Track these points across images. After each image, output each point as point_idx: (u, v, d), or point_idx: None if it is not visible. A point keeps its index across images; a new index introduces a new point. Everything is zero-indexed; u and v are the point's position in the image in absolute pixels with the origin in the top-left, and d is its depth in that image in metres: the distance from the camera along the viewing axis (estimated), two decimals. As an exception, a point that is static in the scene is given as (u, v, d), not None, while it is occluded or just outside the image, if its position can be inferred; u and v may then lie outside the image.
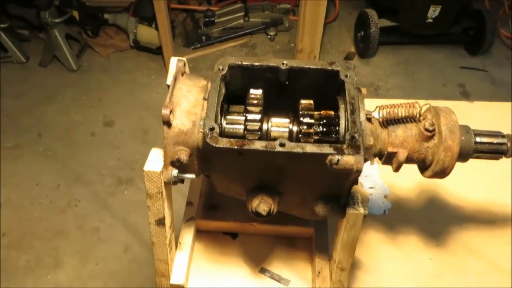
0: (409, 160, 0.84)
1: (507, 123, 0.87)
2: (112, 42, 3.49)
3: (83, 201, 2.52)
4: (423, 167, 0.86)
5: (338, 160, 0.73)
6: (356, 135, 0.75)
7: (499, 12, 3.52)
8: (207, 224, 1.06)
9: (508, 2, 3.48)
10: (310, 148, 0.74)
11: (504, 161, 1.08)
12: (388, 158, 0.84)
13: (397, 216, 1.11)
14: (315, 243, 1.01)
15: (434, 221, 1.10)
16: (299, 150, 0.74)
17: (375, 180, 1.18)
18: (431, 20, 3.15)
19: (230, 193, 0.92)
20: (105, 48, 3.47)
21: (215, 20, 3.50)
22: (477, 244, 1.05)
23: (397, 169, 0.84)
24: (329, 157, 0.73)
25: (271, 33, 3.56)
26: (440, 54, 3.45)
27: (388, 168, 0.88)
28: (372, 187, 1.17)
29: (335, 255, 0.91)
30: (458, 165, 0.85)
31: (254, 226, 1.04)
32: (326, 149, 0.74)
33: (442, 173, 0.82)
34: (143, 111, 3.01)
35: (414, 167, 0.89)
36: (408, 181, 1.18)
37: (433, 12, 3.10)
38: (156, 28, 3.16)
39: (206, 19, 3.51)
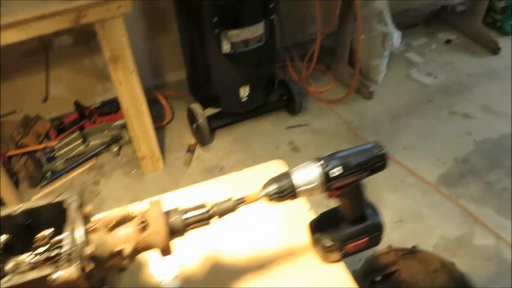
0: (137, 251, 1.02)
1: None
2: (-49, 208, 3.35)
3: None
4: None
5: (55, 278, 0.88)
6: (72, 250, 0.92)
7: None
8: None
9: (304, 65, 4.19)
10: (31, 275, 0.88)
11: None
12: (118, 256, 1.01)
13: (188, 290, 1.28)
14: None
15: (222, 283, 1.29)
16: (20, 280, 0.88)
17: (167, 269, 1.35)
18: (246, 99, 3.64)
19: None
20: None
21: (56, 154, 3.60)
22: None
23: (131, 261, 1.02)
24: (48, 277, 0.88)
25: (115, 149, 3.76)
26: (268, 122, 3.95)
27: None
28: (162, 273, 1.34)
29: None
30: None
31: None
32: (45, 270, 0.89)
33: (164, 251, 1.02)
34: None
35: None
36: (195, 258, 1.37)
37: (244, 92, 3.60)
38: (-8, 182, 3.14)
39: (46, 156, 3.59)
